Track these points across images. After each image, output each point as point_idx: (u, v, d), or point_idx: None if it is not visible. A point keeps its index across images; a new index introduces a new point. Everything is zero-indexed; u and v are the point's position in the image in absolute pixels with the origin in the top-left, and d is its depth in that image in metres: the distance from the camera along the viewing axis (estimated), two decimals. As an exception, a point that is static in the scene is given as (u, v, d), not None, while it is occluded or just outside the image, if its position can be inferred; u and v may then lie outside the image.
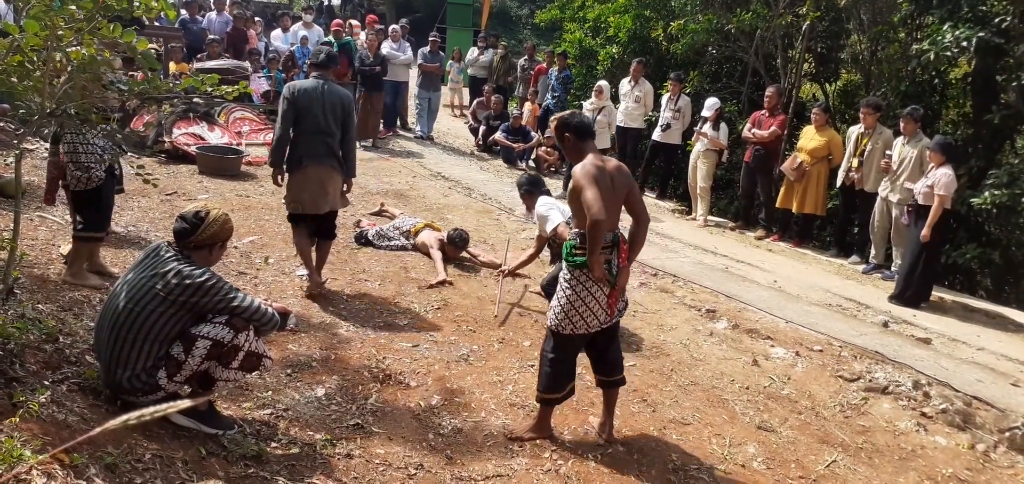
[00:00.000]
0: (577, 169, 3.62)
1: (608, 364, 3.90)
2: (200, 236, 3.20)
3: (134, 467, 2.70)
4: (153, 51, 3.79)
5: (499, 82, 14.53)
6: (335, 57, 5.73)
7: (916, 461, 4.19)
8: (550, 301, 5.10)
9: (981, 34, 7.75)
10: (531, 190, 5.83)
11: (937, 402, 4.79)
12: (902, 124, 7.52)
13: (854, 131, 8.21)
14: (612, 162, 3.76)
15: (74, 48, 3.31)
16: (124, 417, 1.11)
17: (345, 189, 5.49)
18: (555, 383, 3.78)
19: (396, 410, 3.92)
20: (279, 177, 5.41)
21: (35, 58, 3.25)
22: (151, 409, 1.14)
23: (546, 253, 5.93)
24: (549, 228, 5.41)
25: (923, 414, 4.71)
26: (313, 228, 5.39)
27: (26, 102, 3.51)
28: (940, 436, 4.50)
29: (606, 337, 3.86)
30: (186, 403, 1.22)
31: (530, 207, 5.81)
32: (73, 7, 3.14)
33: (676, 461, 3.80)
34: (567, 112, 4.01)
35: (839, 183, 8.38)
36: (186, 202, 7.04)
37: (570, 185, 3.67)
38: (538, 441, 3.78)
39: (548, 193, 5.86)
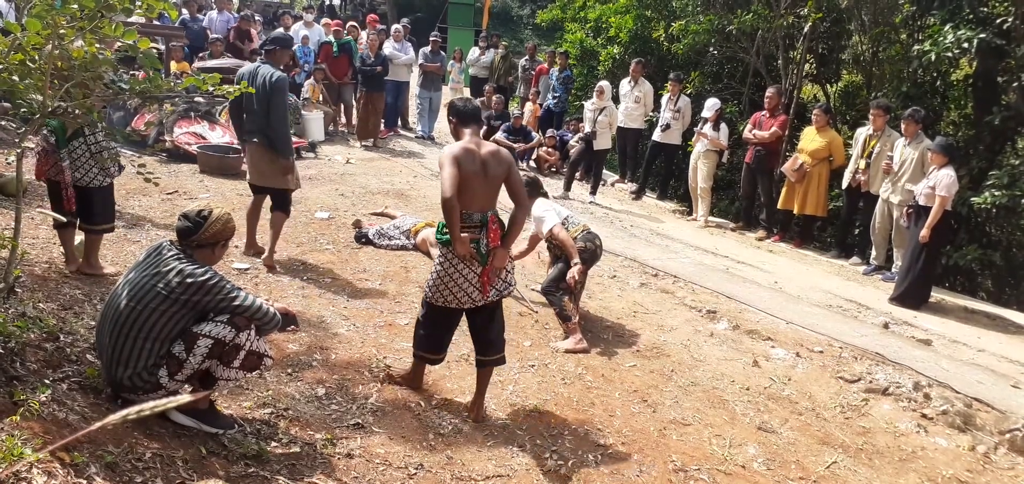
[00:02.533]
0: (444, 150, 3.77)
1: (485, 343, 3.99)
2: (203, 235, 3.20)
3: (134, 466, 2.70)
4: (154, 50, 3.80)
5: (500, 82, 14.54)
6: (279, 40, 6.12)
7: (916, 462, 4.19)
8: (552, 305, 5.16)
9: (982, 35, 7.75)
10: (530, 192, 5.84)
11: (937, 403, 4.79)
12: (903, 126, 7.52)
13: (862, 133, 8.20)
14: (489, 147, 3.88)
15: (77, 46, 3.31)
16: (123, 412, 1.11)
17: (290, 170, 5.77)
18: (428, 346, 4.01)
19: (396, 410, 3.92)
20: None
21: (36, 57, 3.25)
22: (150, 404, 1.14)
23: (547, 255, 5.94)
24: (545, 229, 5.43)
25: (923, 415, 4.71)
26: (270, 200, 5.87)
27: (27, 101, 3.51)
28: (940, 437, 4.49)
29: (484, 316, 3.97)
30: (186, 399, 1.22)
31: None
32: (75, 6, 3.14)
33: (677, 461, 3.80)
34: (457, 97, 4.21)
35: (845, 184, 8.37)
36: (187, 201, 7.05)
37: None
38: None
39: (546, 195, 5.88)
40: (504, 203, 4.01)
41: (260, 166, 5.73)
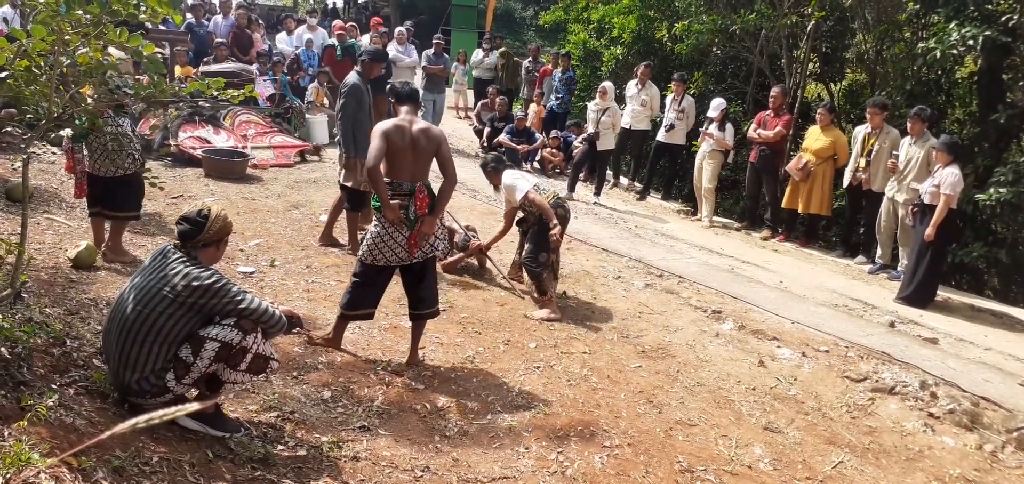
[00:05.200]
0: (376, 126, 4.22)
1: (417, 299, 4.47)
2: (206, 234, 3.21)
3: (142, 470, 2.70)
4: (159, 55, 3.81)
5: (505, 84, 14.55)
6: (373, 53, 6.64)
7: (923, 462, 4.18)
8: (532, 278, 5.65)
9: (987, 32, 7.72)
10: (496, 167, 6.07)
11: (944, 402, 4.77)
12: (909, 124, 7.50)
13: (860, 131, 8.19)
14: (421, 124, 4.34)
15: (82, 52, 3.32)
16: (133, 420, 1.11)
17: (349, 168, 6.29)
18: (355, 302, 4.40)
19: (402, 412, 3.93)
20: None
21: (42, 63, 3.26)
22: (160, 413, 1.15)
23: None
24: (519, 196, 5.69)
25: (930, 414, 4.69)
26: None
27: (33, 106, 3.53)
28: (947, 436, 4.48)
29: (414, 275, 4.44)
30: (194, 406, 1.22)
31: (496, 184, 6.06)
32: (79, 12, 3.15)
33: (683, 462, 3.79)
34: (399, 82, 4.51)
35: (846, 183, 8.36)
36: (192, 205, 7.06)
37: None
38: (333, 351, 4.44)
39: (511, 167, 6.14)
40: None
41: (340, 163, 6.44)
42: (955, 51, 8.01)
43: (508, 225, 6.08)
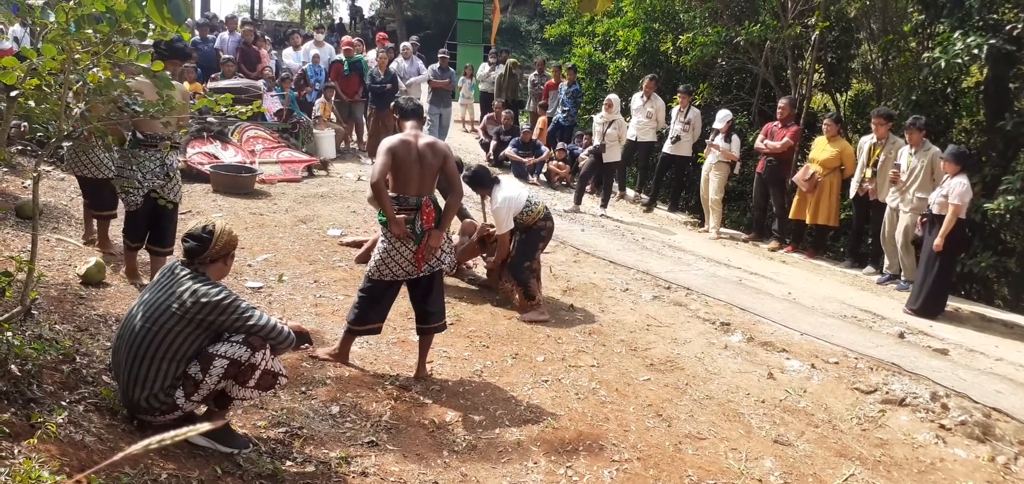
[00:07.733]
0: (383, 141, 4.31)
1: (424, 313, 4.50)
2: (213, 249, 3.23)
3: (151, 487, 2.71)
4: (166, 72, 3.84)
5: (507, 97, 14.58)
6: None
7: (935, 474, 4.14)
8: (519, 284, 5.81)
9: (992, 42, 7.71)
10: (481, 182, 6.12)
11: (956, 414, 4.74)
12: (907, 135, 7.50)
13: (866, 141, 8.18)
14: (426, 139, 4.39)
15: (92, 71, 3.35)
16: (144, 442, 1.11)
17: None
18: (362, 317, 4.43)
19: (410, 427, 3.92)
20: None
21: (52, 82, 3.29)
22: (172, 433, 1.15)
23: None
24: (504, 229, 5.91)
25: (941, 426, 4.65)
26: None
27: (43, 125, 3.56)
28: (959, 448, 4.44)
29: (421, 289, 4.47)
30: (206, 426, 1.23)
31: (484, 196, 6.21)
32: (89, 31, 3.18)
33: (692, 476, 3.77)
34: (402, 97, 4.80)
35: (853, 194, 8.34)
36: (199, 221, 7.08)
37: None
38: (340, 366, 4.46)
39: (497, 182, 6.14)
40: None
41: None
42: (960, 60, 8.01)
43: (506, 248, 6.03)
